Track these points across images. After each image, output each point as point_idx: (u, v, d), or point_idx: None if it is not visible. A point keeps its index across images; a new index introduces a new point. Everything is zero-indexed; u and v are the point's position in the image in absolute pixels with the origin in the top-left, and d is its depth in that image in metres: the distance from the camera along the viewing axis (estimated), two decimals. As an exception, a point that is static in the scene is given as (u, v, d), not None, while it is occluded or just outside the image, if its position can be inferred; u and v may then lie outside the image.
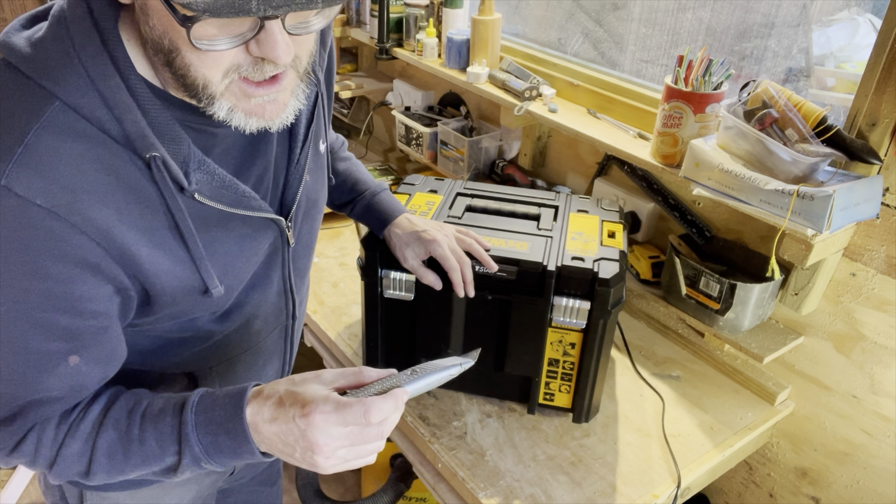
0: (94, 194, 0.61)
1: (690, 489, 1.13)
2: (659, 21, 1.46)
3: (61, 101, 0.60)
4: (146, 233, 0.65)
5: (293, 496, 2.10)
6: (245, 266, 0.77)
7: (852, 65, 1.23)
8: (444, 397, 1.23)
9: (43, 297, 0.62)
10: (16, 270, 0.60)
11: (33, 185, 0.58)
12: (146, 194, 0.64)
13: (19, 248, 0.59)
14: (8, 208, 0.58)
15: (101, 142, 0.61)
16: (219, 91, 0.61)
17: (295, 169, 0.80)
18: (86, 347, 0.67)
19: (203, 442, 0.67)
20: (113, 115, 0.61)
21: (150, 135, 0.63)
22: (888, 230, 1.07)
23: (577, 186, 1.64)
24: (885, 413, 1.15)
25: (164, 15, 0.57)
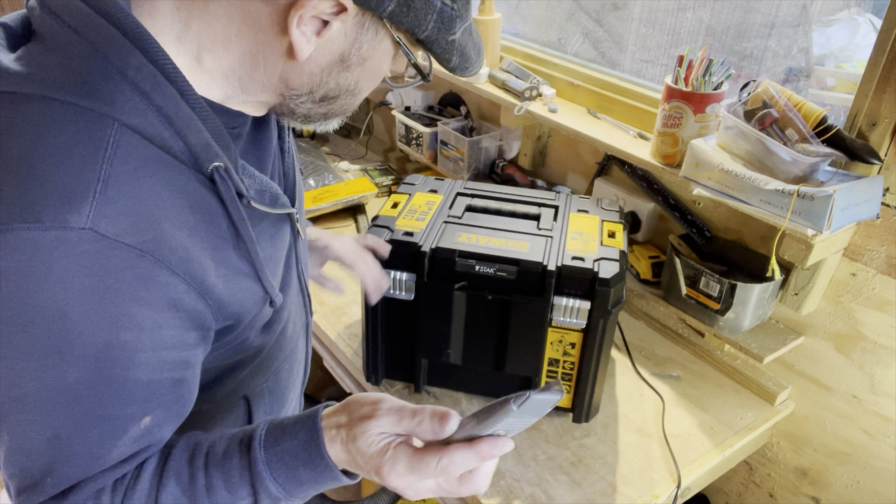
0: (174, 223, 0.56)
1: (690, 489, 1.13)
2: (659, 21, 1.46)
3: (118, 122, 0.53)
4: (215, 252, 0.61)
5: (293, 496, 2.10)
6: (281, 266, 0.75)
7: (852, 65, 1.23)
8: (443, 397, 1.23)
9: (127, 352, 0.55)
10: (98, 325, 0.53)
11: (120, 223, 0.52)
12: (210, 210, 0.60)
13: (105, 297, 0.53)
14: (93, 253, 0.51)
15: (167, 163, 0.56)
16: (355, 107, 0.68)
17: (288, 158, 0.79)
18: (161, 406, 0.60)
19: (279, 479, 0.61)
20: (175, 130, 0.56)
21: (214, 144, 0.59)
22: (888, 230, 1.06)
23: (577, 186, 1.64)
24: (885, 413, 1.15)
25: (379, 55, 0.62)
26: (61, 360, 0.53)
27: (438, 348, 1.17)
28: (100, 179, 0.52)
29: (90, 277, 0.52)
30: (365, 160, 2.21)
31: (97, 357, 0.54)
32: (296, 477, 0.61)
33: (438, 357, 1.18)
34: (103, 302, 0.53)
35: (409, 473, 0.58)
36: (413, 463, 0.58)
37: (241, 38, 0.58)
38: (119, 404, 0.57)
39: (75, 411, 0.56)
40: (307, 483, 0.61)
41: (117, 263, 0.53)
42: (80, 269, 0.51)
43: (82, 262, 0.51)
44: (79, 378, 0.55)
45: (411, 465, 0.58)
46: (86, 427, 0.57)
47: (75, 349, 0.53)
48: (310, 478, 0.61)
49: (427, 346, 1.18)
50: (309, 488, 0.62)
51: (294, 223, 0.78)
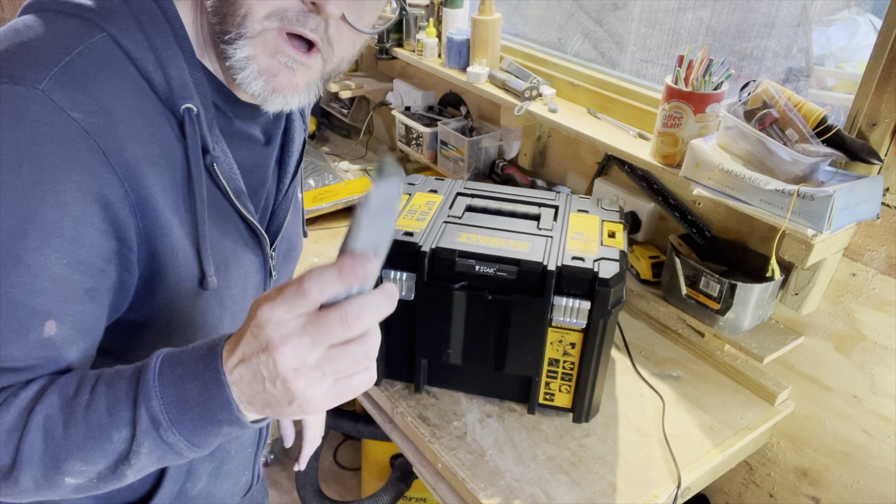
0: (129, 128, 0.55)
1: (690, 489, 1.13)
2: (659, 21, 1.46)
3: (108, 34, 0.56)
4: (165, 192, 0.59)
5: (293, 496, 2.10)
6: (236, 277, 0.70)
7: (852, 65, 1.23)
8: (443, 397, 1.23)
9: (44, 232, 0.51)
10: (25, 190, 0.50)
11: (73, 97, 0.52)
12: (171, 151, 0.59)
13: (38, 164, 0.51)
14: (39, 115, 0.51)
15: (140, 87, 0.58)
16: (253, 30, 0.58)
17: (283, 199, 0.78)
18: (68, 316, 0.55)
19: (164, 395, 0.51)
20: (158, 58, 0.58)
21: (192, 86, 0.60)
22: (888, 230, 1.07)
23: (577, 186, 1.64)
24: (885, 413, 1.15)
25: None
26: None
27: (438, 348, 1.17)
28: (69, 56, 0.54)
29: (28, 138, 0.50)
30: (365, 160, 2.21)
31: (12, 226, 0.50)
32: (181, 394, 0.51)
33: (438, 357, 1.18)
34: (34, 168, 0.51)
35: (300, 333, 0.47)
36: (309, 322, 0.47)
37: None
38: (23, 290, 0.52)
39: None
40: (194, 406, 0.51)
41: (58, 134, 0.51)
42: (19, 124, 0.50)
43: (23, 119, 0.50)
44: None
45: (307, 324, 0.47)
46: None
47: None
48: (196, 399, 0.51)
49: (427, 346, 1.18)
50: (196, 414, 0.51)
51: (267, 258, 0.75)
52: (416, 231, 1.12)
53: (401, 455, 1.75)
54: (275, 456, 2.26)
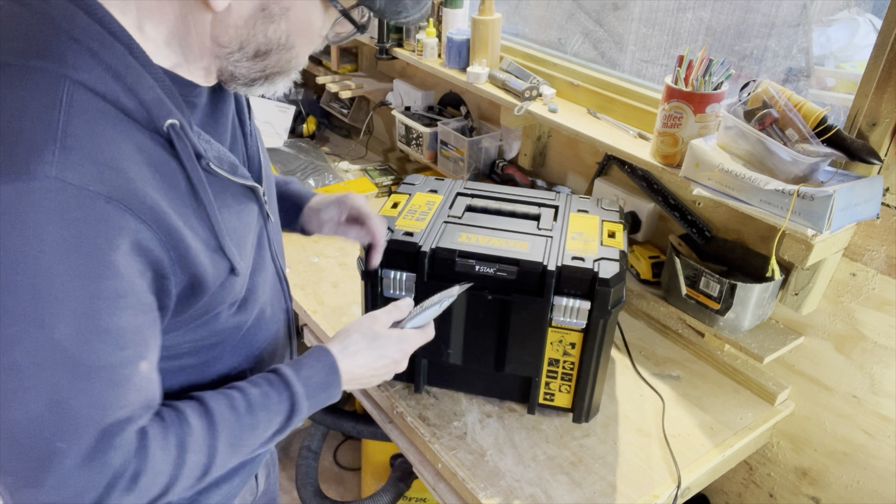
0: (136, 172, 0.57)
1: (690, 489, 1.13)
2: (659, 21, 1.46)
3: (69, 78, 0.54)
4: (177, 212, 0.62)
5: (293, 496, 2.10)
6: (249, 244, 0.76)
7: (852, 65, 1.23)
8: (444, 398, 1.23)
9: (111, 299, 0.56)
10: (81, 276, 0.54)
11: (84, 171, 0.53)
12: (169, 170, 0.61)
13: (82, 247, 0.53)
14: (64, 202, 0.52)
15: (122, 120, 0.57)
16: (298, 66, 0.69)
17: (251, 139, 0.80)
18: (150, 349, 0.62)
19: (310, 405, 0.76)
20: (125, 85, 0.57)
21: (167, 101, 0.60)
22: (888, 230, 1.07)
23: (577, 186, 1.64)
24: (885, 413, 1.15)
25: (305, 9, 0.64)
26: (48, 317, 0.53)
27: (438, 348, 1.17)
28: (58, 128, 0.53)
29: (65, 229, 0.52)
30: (365, 160, 2.21)
31: (84, 309, 0.54)
32: (318, 402, 0.77)
33: (438, 357, 1.18)
34: (81, 253, 0.53)
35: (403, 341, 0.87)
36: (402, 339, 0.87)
37: (171, 1, 0.61)
38: (113, 351, 0.57)
39: (70, 368, 0.55)
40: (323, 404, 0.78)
41: (89, 212, 0.53)
42: (53, 220, 0.51)
43: (54, 213, 0.51)
44: (70, 333, 0.54)
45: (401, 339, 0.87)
46: (85, 381, 0.56)
47: (61, 304, 0.53)
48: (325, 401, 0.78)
49: (427, 346, 1.17)
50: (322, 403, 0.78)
51: (262, 204, 0.79)
52: (416, 231, 1.12)
53: (401, 455, 1.75)
54: (275, 456, 2.26)
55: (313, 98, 2.46)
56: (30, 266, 0.52)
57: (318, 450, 1.80)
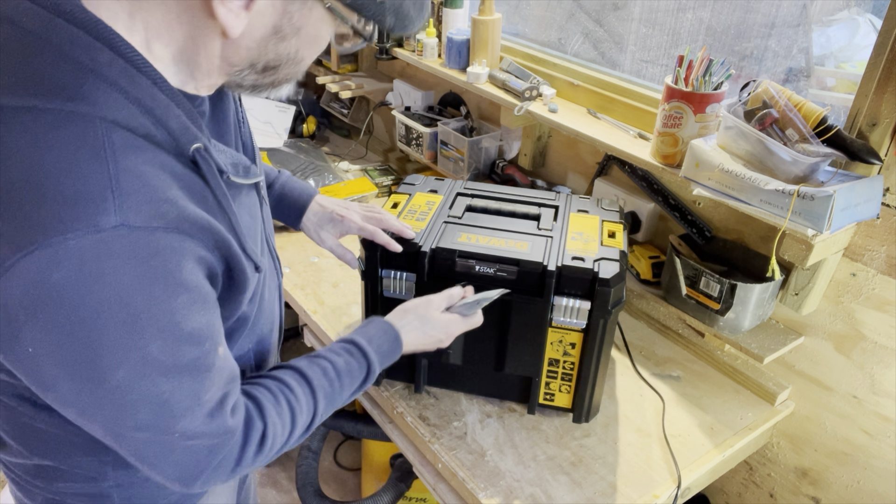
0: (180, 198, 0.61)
1: (691, 489, 1.13)
2: (659, 21, 1.46)
3: (103, 120, 0.57)
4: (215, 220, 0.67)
5: (293, 496, 2.10)
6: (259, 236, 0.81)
7: (852, 65, 1.23)
8: (444, 398, 1.23)
9: (186, 310, 0.62)
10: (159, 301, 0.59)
11: (144, 211, 0.57)
12: (197, 189, 0.65)
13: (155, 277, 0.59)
14: (132, 244, 0.57)
15: (153, 150, 0.60)
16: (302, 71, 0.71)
17: (244, 128, 0.83)
18: (221, 335, 0.70)
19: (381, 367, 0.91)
20: (155, 118, 0.60)
21: (192, 126, 0.63)
22: (888, 230, 1.06)
23: (577, 186, 1.64)
24: (885, 413, 1.15)
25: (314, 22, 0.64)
26: (140, 340, 0.60)
27: (438, 348, 1.16)
28: (111, 177, 0.56)
29: (138, 265, 0.57)
30: (365, 160, 2.21)
31: (166, 325, 0.61)
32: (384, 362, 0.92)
33: (438, 357, 1.18)
34: (156, 282, 0.59)
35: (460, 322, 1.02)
36: None
37: (180, 23, 0.61)
38: (196, 349, 0.64)
39: (165, 373, 0.62)
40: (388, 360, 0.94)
41: (155, 246, 0.58)
42: (126, 261, 0.57)
43: (127, 256, 0.57)
44: (159, 347, 0.61)
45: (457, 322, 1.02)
46: (179, 380, 0.64)
47: (148, 328, 0.60)
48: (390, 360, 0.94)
49: (427, 347, 1.18)
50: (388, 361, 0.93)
51: (260, 193, 0.83)
52: (416, 231, 1.12)
53: (401, 455, 1.75)
54: (275, 456, 2.26)
55: (313, 98, 2.46)
56: (116, 305, 0.57)
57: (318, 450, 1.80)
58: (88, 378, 0.60)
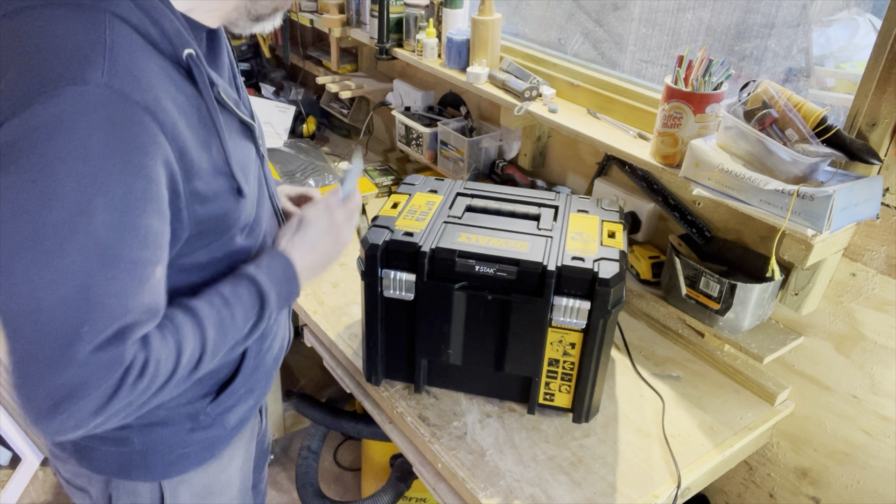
0: (165, 95, 0.66)
1: (690, 489, 1.13)
2: (659, 21, 1.46)
3: (108, 11, 0.64)
4: (195, 134, 0.70)
5: (293, 496, 2.10)
6: (252, 175, 0.83)
7: (852, 65, 1.23)
8: (444, 397, 1.23)
9: (141, 199, 0.64)
10: (119, 170, 0.62)
11: (128, 82, 0.62)
12: (187, 95, 0.70)
13: (122, 146, 0.62)
14: (109, 105, 0.61)
15: (148, 48, 0.66)
16: None
17: (243, 90, 0.88)
18: (164, 256, 0.70)
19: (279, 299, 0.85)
20: (152, 18, 0.66)
21: (185, 32, 0.69)
22: (888, 230, 1.07)
23: (577, 186, 1.64)
24: (885, 413, 1.15)
25: None
26: (90, 205, 0.61)
27: (438, 348, 1.17)
28: (106, 45, 0.62)
29: (110, 129, 0.61)
30: (365, 160, 2.21)
31: (120, 202, 0.62)
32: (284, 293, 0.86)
33: (438, 357, 1.18)
34: (121, 151, 0.62)
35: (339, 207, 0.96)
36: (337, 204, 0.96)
37: None
38: (139, 248, 0.65)
39: (103, 256, 0.63)
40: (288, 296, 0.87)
41: (130, 118, 0.62)
42: (100, 121, 0.61)
43: (102, 115, 0.61)
44: (106, 222, 0.62)
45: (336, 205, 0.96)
46: (114, 272, 0.64)
47: (101, 193, 0.61)
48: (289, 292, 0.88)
49: (427, 347, 1.18)
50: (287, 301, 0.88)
51: (257, 144, 0.87)
52: (416, 231, 1.12)
53: (401, 455, 1.75)
54: (275, 456, 2.26)
55: (313, 98, 2.46)
56: (77, 157, 0.60)
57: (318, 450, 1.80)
58: (30, 230, 0.60)
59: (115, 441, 0.88)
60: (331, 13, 1.99)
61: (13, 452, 2.18)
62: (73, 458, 0.90)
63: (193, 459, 0.94)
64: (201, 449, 0.94)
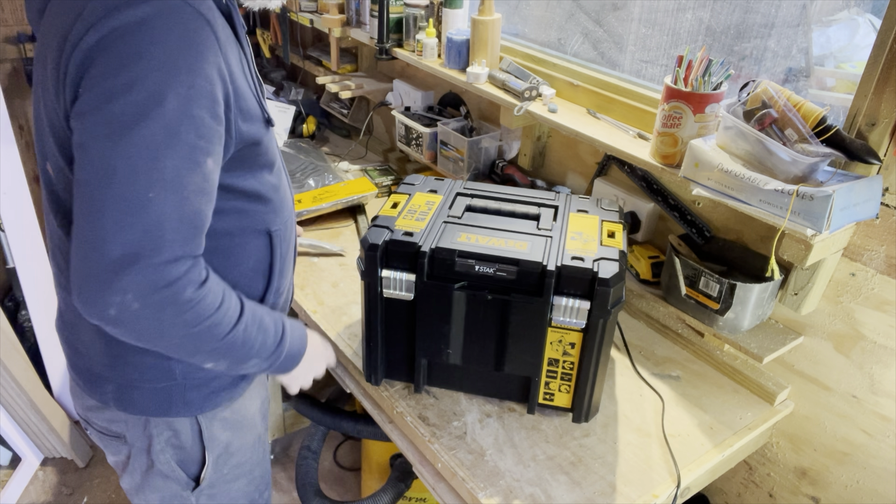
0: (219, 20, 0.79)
1: (690, 489, 1.13)
2: (659, 21, 1.46)
3: None
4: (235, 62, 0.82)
5: (293, 496, 2.10)
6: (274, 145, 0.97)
7: (852, 65, 1.23)
8: (443, 397, 1.23)
9: (200, 95, 0.75)
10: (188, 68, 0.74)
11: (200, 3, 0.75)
12: (228, 32, 0.82)
13: (189, 49, 0.74)
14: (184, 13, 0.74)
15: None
16: None
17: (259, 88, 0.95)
18: (212, 152, 0.79)
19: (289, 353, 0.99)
20: None
21: None
22: (888, 230, 1.07)
23: (577, 186, 1.64)
24: (884, 413, 1.15)
25: None
26: (162, 91, 0.73)
27: (438, 348, 1.17)
28: None
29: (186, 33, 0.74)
30: (365, 160, 2.21)
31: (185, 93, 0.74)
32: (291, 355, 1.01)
33: (438, 357, 1.18)
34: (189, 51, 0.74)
35: None
36: None
37: None
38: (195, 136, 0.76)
39: (169, 137, 0.74)
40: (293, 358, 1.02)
41: (199, 28, 0.75)
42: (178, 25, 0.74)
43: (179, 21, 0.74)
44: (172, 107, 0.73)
45: None
46: (174, 150, 0.75)
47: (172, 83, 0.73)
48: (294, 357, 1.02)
49: (427, 347, 1.18)
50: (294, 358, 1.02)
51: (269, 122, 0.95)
52: (416, 231, 1.12)
53: (401, 455, 1.75)
54: (275, 456, 2.26)
55: (313, 98, 2.46)
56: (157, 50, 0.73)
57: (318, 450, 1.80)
58: (117, 111, 0.72)
59: (159, 375, 0.97)
60: (331, 13, 1.99)
61: (13, 452, 2.18)
62: (113, 402, 0.99)
63: (224, 395, 1.04)
64: (230, 384, 1.04)
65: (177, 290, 0.78)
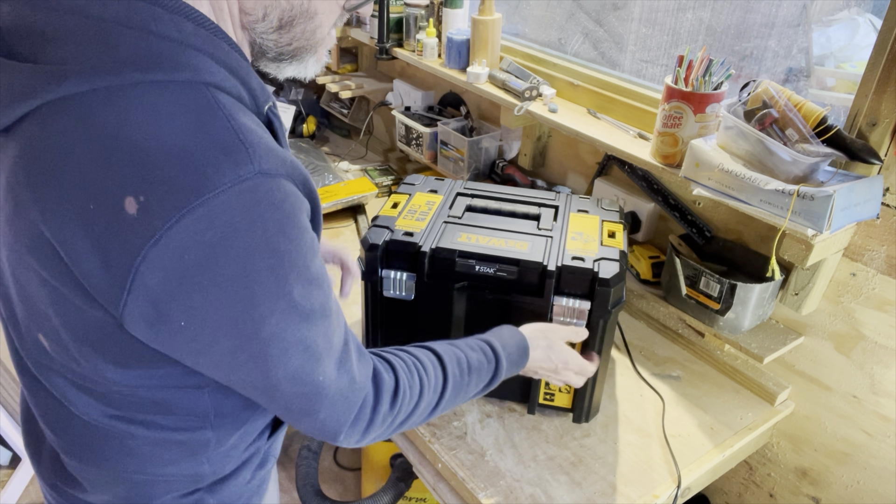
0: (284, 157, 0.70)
1: (691, 489, 1.13)
2: (659, 21, 1.46)
3: (205, 84, 0.60)
4: None
5: (293, 496, 2.10)
6: None
7: (852, 65, 1.23)
8: (444, 397, 1.23)
9: (312, 252, 0.67)
10: (295, 242, 0.64)
11: (270, 160, 0.61)
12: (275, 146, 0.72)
13: (290, 220, 0.64)
14: (269, 189, 0.61)
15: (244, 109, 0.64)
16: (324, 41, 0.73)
17: None
18: None
19: (509, 366, 0.92)
20: (240, 79, 0.64)
21: (265, 88, 0.68)
22: (888, 230, 1.07)
23: (577, 186, 1.64)
24: (885, 413, 1.15)
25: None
26: (286, 286, 0.63)
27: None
28: (235, 132, 0.59)
29: (276, 210, 0.61)
30: (365, 160, 2.21)
31: (301, 270, 0.65)
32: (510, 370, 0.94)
33: (438, 357, 1.18)
34: (289, 224, 0.63)
35: None
36: None
37: None
38: (320, 291, 0.68)
39: (307, 318, 0.66)
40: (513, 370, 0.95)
41: (284, 191, 0.62)
42: (267, 207, 0.60)
43: (267, 201, 0.60)
44: (299, 291, 0.65)
45: None
46: (316, 324, 0.68)
47: (290, 272, 0.64)
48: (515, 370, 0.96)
49: (427, 346, 1.18)
50: None
51: None
52: (416, 231, 1.12)
53: (401, 455, 1.75)
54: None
55: (313, 98, 2.46)
56: (265, 251, 0.61)
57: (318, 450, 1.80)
58: (245, 333, 0.62)
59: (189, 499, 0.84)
60: (331, 13, 1.99)
61: (13, 452, 2.18)
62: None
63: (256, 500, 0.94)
64: (258, 486, 0.93)
65: (375, 417, 0.76)
